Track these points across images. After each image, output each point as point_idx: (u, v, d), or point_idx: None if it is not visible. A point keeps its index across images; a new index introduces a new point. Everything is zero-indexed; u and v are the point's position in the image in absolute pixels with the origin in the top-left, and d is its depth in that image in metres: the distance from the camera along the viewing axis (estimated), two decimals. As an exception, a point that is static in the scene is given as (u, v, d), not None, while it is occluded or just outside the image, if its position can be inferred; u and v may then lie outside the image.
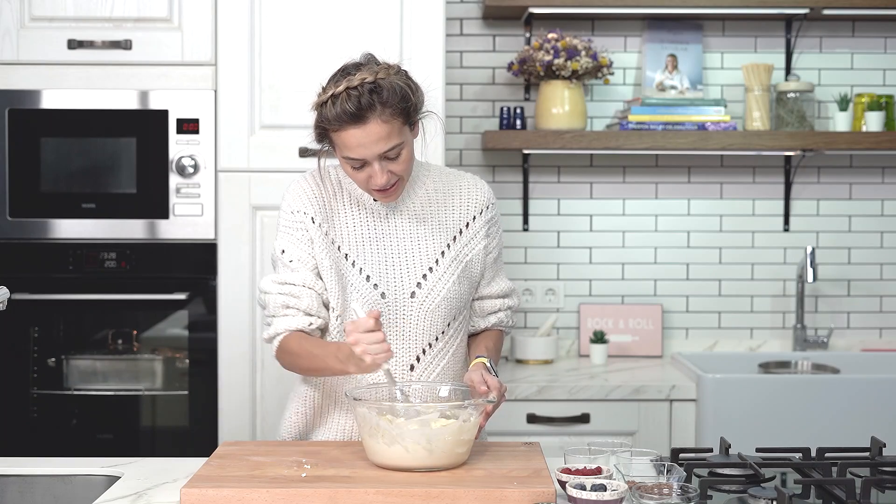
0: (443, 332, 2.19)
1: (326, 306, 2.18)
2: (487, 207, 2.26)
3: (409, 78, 2.10)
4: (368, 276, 2.16)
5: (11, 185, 3.11)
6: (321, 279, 2.17)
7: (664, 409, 3.18)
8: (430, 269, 2.19)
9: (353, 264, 2.17)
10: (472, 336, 2.33)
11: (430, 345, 2.19)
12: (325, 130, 2.07)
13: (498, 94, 3.73)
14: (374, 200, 2.20)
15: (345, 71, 2.06)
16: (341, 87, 2.01)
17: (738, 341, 3.75)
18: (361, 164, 2.07)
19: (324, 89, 2.06)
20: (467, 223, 2.24)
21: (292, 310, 2.15)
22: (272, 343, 2.18)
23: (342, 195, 2.21)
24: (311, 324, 2.15)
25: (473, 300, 2.30)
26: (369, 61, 2.08)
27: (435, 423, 1.90)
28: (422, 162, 2.27)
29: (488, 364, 2.18)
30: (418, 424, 1.89)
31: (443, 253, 2.21)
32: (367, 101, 2.00)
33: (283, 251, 2.18)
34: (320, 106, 2.05)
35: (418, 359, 2.19)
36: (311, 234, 2.17)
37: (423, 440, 1.88)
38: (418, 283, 2.18)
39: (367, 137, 2.02)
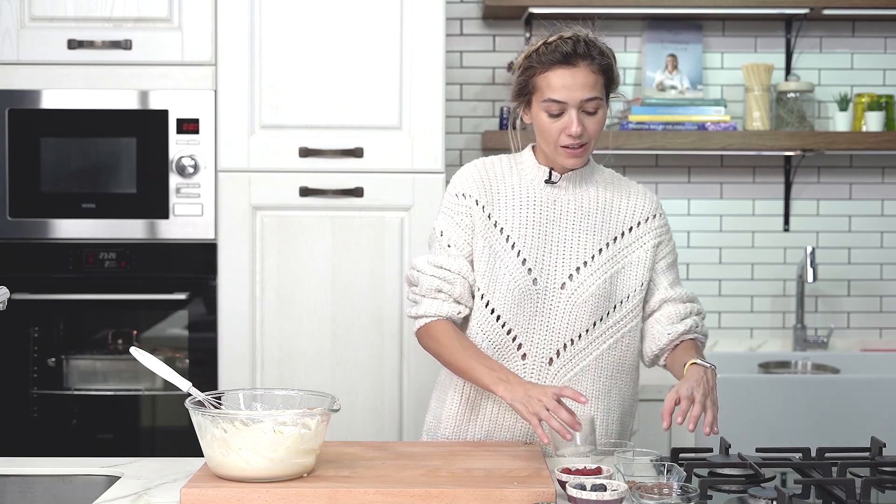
0: (587, 331, 2.18)
1: (473, 295, 2.21)
2: (654, 216, 2.26)
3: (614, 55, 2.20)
4: (525, 260, 2.18)
5: (11, 185, 3.11)
6: (472, 267, 2.20)
7: (664, 409, 3.17)
8: (585, 263, 2.20)
9: (512, 246, 2.19)
10: (671, 354, 2.21)
11: (572, 341, 2.18)
12: (529, 77, 2.14)
13: (498, 94, 3.72)
14: (547, 181, 2.21)
15: (554, 32, 2.17)
16: (555, 37, 2.14)
17: (738, 341, 3.75)
18: (559, 112, 2.12)
19: (531, 44, 2.17)
20: (630, 227, 2.24)
21: (444, 294, 2.18)
22: (416, 321, 2.21)
23: (512, 177, 2.24)
24: (459, 312, 2.18)
25: (663, 304, 2.23)
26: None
27: (275, 431, 1.83)
28: (595, 164, 2.30)
29: (705, 363, 2.06)
30: (255, 434, 1.82)
31: (600, 251, 2.21)
32: (583, 48, 2.13)
33: (442, 233, 2.23)
34: (529, 55, 2.15)
35: (558, 353, 2.18)
36: (473, 219, 2.21)
37: (261, 449, 1.82)
38: (570, 276, 2.19)
39: (573, 80, 2.11)
